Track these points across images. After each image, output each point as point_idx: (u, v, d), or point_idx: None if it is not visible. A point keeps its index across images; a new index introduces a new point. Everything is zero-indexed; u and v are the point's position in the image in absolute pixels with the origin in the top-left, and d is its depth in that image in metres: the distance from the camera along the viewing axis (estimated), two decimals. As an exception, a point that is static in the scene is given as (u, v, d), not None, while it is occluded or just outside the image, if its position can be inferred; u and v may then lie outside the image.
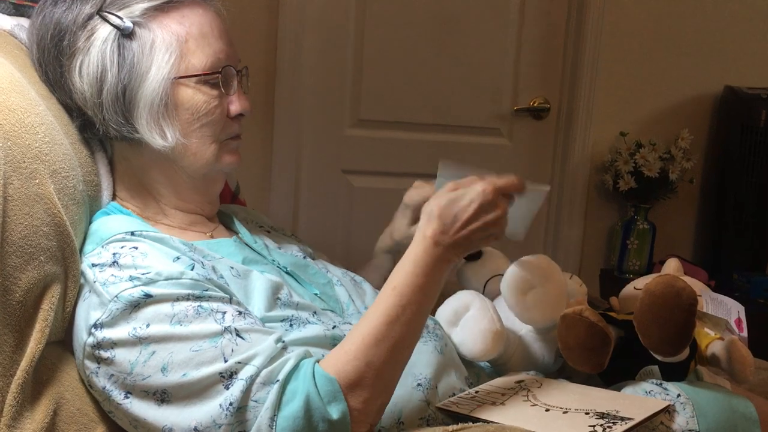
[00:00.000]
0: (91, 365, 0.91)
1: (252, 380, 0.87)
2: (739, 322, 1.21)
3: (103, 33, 0.98)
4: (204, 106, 1.01)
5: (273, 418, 0.86)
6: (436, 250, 0.94)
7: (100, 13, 0.98)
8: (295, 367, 0.89)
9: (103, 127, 1.00)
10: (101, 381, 0.91)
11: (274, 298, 1.01)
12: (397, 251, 1.20)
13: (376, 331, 0.91)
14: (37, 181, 0.90)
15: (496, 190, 0.95)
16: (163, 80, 0.98)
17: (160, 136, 0.99)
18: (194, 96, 1.00)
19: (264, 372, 0.88)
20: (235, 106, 1.04)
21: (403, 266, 0.95)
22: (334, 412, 0.87)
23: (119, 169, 1.07)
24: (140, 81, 0.97)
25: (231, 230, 1.16)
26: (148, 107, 0.98)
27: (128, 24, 0.97)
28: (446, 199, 0.95)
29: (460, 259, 0.99)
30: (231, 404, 0.86)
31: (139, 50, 0.98)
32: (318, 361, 0.91)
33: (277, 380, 0.87)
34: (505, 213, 0.96)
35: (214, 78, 1.01)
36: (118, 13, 0.98)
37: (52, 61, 1.00)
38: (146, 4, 0.99)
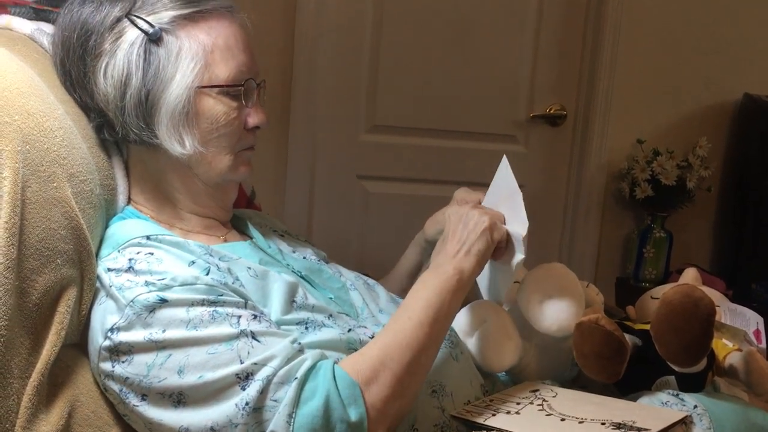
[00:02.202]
0: (106, 368, 0.91)
1: (269, 380, 0.87)
2: (757, 333, 1.19)
3: (130, 36, 0.99)
4: (224, 117, 1.02)
5: (291, 415, 0.86)
6: (441, 271, 1.02)
7: (128, 16, 0.99)
8: (313, 367, 0.90)
9: (123, 130, 1.01)
10: (117, 384, 0.91)
11: (290, 300, 1.01)
12: (425, 247, 1.28)
13: (396, 337, 0.94)
14: (54, 184, 0.91)
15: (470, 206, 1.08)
16: (187, 88, 0.99)
17: (178, 143, 1.00)
18: (215, 106, 1.01)
19: (281, 372, 0.88)
20: (253, 119, 1.06)
21: (423, 281, 1.01)
22: (353, 414, 0.88)
23: (135, 172, 1.07)
24: (164, 87, 0.98)
25: (245, 234, 1.16)
26: (170, 114, 0.99)
27: (156, 30, 0.99)
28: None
29: (472, 267, 1.03)
30: (247, 404, 0.87)
31: (165, 57, 0.99)
32: (337, 362, 0.92)
33: (296, 378, 0.88)
34: (482, 212, 1.06)
35: (236, 90, 1.03)
36: (147, 19, 0.99)
37: (77, 60, 1.00)
38: (175, 12, 1.00)
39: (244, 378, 0.88)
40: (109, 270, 0.95)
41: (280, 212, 2.31)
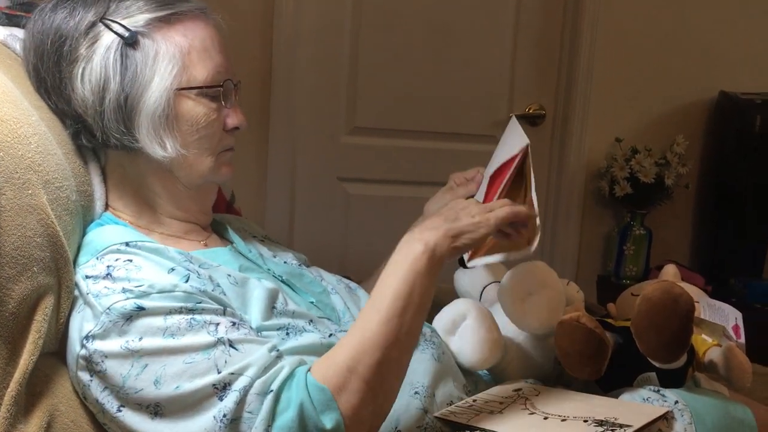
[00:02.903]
0: (84, 377, 0.90)
1: (246, 391, 0.86)
2: (736, 328, 1.21)
3: (106, 41, 0.98)
4: (204, 119, 1.01)
5: (267, 429, 0.85)
6: (423, 257, 0.94)
7: (103, 20, 0.98)
8: (290, 376, 0.89)
9: (104, 136, 1.00)
10: (95, 393, 0.90)
11: (271, 306, 1.01)
12: None
13: (364, 336, 0.90)
14: (30, 191, 0.90)
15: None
16: (165, 91, 0.98)
17: (160, 147, 0.99)
18: (195, 108, 1.01)
19: (258, 382, 0.87)
20: (232, 120, 1.05)
21: (390, 274, 0.94)
22: (328, 421, 0.86)
23: (113, 177, 1.06)
24: (142, 91, 0.98)
25: (225, 239, 1.15)
26: (150, 117, 0.98)
27: (132, 34, 0.98)
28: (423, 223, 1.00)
29: (451, 254, 0.97)
30: (225, 416, 0.86)
31: (142, 60, 0.98)
32: (309, 370, 0.91)
33: (271, 390, 0.87)
34: (471, 201, 1.01)
35: (215, 91, 1.02)
36: (122, 22, 0.98)
37: (52, 66, 0.99)
38: (150, 15, 0.99)
39: (221, 388, 0.87)
40: (87, 277, 0.94)
41: (261, 215, 2.30)
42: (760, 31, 2.60)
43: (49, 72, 1.00)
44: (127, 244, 0.97)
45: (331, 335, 1.02)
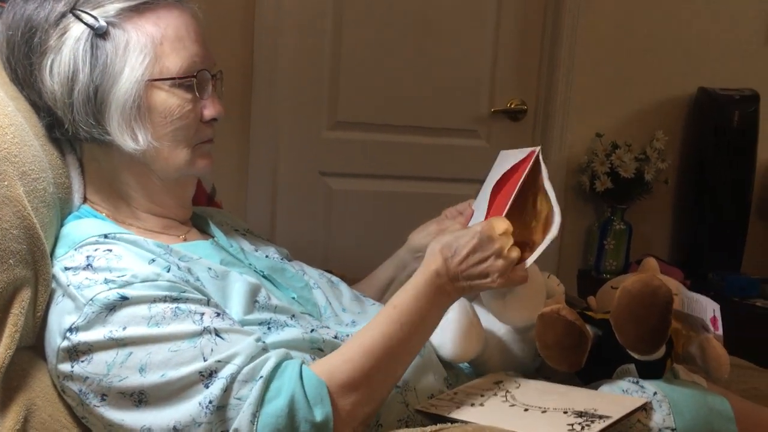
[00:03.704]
0: (65, 369, 0.89)
1: (233, 378, 0.86)
2: (714, 320, 1.22)
3: (75, 32, 0.96)
4: (178, 110, 1.00)
5: (255, 414, 0.85)
6: (436, 281, 0.98)
7: (73, 11, 0.96)
8: (278, 366, 0.89)
9: (73, 128, 0.98)
10: (76, 385, 0.89)
11: (252, 300, 1.00)
12: (405, 260, 1.28)
13: (372, 341, 0.93)
14: (6, 183, 0.88)
15: (491, 228, 0.99)
16: (137, 82, 0.96)
17: (131, 139, 0.97)
18: (168, 99, 0.99)
19: (245, 370, 0.87)
20: (209, 111, 1.03)
21: (406, 289, 0.99)
22: (318, 414, 0.87)
23: (89, 171, 1.05)
24: (113, 82, 0.96)
25: (206, 233, 1.14)
26: (120, 109, 0.96)
27: (102, 24, 0.96)
28: (449, 238, 1.01)
29: (459, 295, 1.02)
30: (211, 402, 0.85)
31: (113, 51, 0.96)
32: (307, 364, 0.91)
33: (261, 377, 0.87)
34: (502, 250, 0.99)
35: (189, 81, 1.00)
36: (92, 13, 0.96)
37: (22, 58, 0.98)
38: (121, 5, 0.97)
39: (207, 376, 0.86)
40: (66, 269, 0.93)
41: (243, 210, 2.29)
42: (739, 28, 2.63)
43: (20, 64, 0.98)
44: (105, 236, 0.96)
45: (312, 330, 1.02)
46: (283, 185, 2.37)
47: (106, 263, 0.91)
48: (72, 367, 0.89)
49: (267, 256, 1.17)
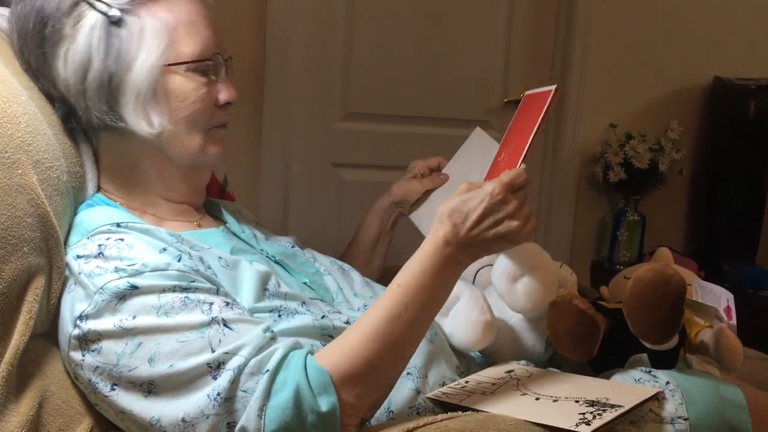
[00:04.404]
0: (76, 357, 0.90)
1: (240, 370, 0.86)
2: (728, 310, 1.21)
3: (90, 20, 0.96)
4: (193, 94, 1.00)
5: (262, 408, 0.85)
6: (445, 251, 0.93)
7: None
8: (284, 357, 0.88)
9: (86, 116, 0.99)
10: (87, 373, 0.90)
11: (263, 288, 1.00)
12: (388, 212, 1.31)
13: (375, 327, 0.90)
14: (19, 171, 0.89)
15: (504, 188, 0.94)
16: (152, 67, 0.97)
17: (147, 123, 0.98)
18: (184, 83, 1.00)
19: (252, 362, 0.87)
20: (224, 95, 1.04)
21: (411, 265, 0.94)
22: (324, 404, 0.87)
23: (104, 159, 1.06)
24: (128, 68, 0.97)
25: (218, 220, 1.15)
26: (135, 94, 0.97)
27: (116, 11, 0.96)
28: (457, 201, 0.95)
29: (472, 261, 0.97)
30: (219, 394, 0.86)
31: (128, 37, 0.97)
32: (311, 353, 0.91)
33: (267, 370, 0.87)
34: (517, 210, 0.94)
35: (205, 65, 1.01)
36: (106, 0, 0.97)
37: (35, 48, 0.98)
38: None
39: (215, 367, 0.86)
40: (79, 257, 0.93)
41: (255, 201, 2.30)
42: (755, 17, 2.60)
43: (32, 54, 0.99)
44: (117, 224, 0.97)
45: (323, 317, 1.02)
46: (296, 176, 2.38)
47: (117, 252, 0.92)
48: (83, 355, 0.89)
49: (279, 244, 1.18)
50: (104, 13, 0.96)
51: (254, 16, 2.22)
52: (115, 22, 0.96)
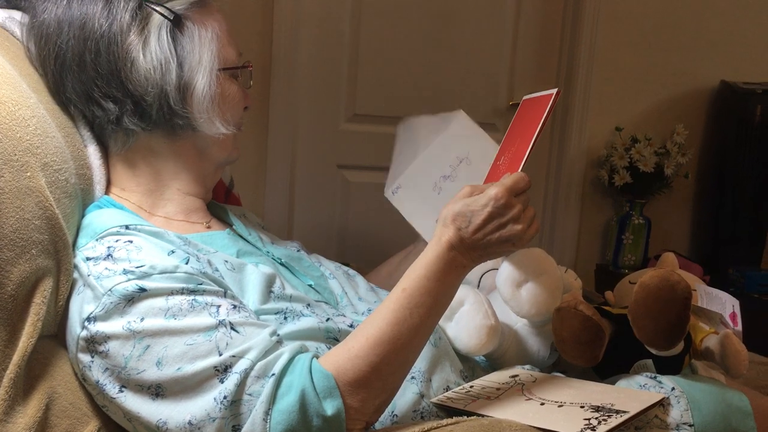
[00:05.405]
0: (84, 359, 0.91)
1: (246, 373, 0.87)
2: (733, 316, 1.21)
3: (157, 22, 1.00)
4: (237, 97, 1.08)
5: (268, 412, 0.86)
6: (449, 255, 0.94)
7: (146, 4, 1.00)
8: (290, 361, 0.89)
9: (162, 116, 1.01)
10: (95, 375, 0.90)
11: (268, 291, 1.01)
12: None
13: (380, 332, 0.90)
14: (28, 174, 0.89)
15: (507, 191, 0.94)
16: (211, 71, 1.03)
17: (219, 124, 1.04)
18: (230, 87, 1.07)
19: (258, 365, 0.87)
20: (247, 100, 1.12)
21: (415, 269, 0.94)
22: (329, 408, 0.87)
23: (132, 160, 1.06)
24: (194, 72, 1.02)
25: (224, 223, 1.16)
26: (202, 97, 1.02)
27: (177, 15, 1.01)
28: (460, 205, 0.95)
29: (476, 265, 0.97)
30: (225, 398, 0.86)
31: (189, 42, 1.02)
32: (316, 357, 0.91)
33: (273, 374, 0.87)
34: (520, 213, 0.94)
35: (242, 72, 1.09)
36: (166, 5, 1.02)
37: (104, 53, 0.99)
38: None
39: (222, 371, 0.87)
40: (88, 259, 0.94)
41: (261, 202, 2.30)
42: (761, 21, 2.60)
43: (86, 62, 0.99)
44: (126, 227, 0.97)
45: (328, 319, 1.02)
46: (301, 178, 2.38)
47: (126, 254, 0.92)
48: (91, 357, 0.90)
49: (284, 247, 1.18)
50: (167, 17, 1.01)
51: (261, 18, 2.22)
52: (177, 27, 1.01)
